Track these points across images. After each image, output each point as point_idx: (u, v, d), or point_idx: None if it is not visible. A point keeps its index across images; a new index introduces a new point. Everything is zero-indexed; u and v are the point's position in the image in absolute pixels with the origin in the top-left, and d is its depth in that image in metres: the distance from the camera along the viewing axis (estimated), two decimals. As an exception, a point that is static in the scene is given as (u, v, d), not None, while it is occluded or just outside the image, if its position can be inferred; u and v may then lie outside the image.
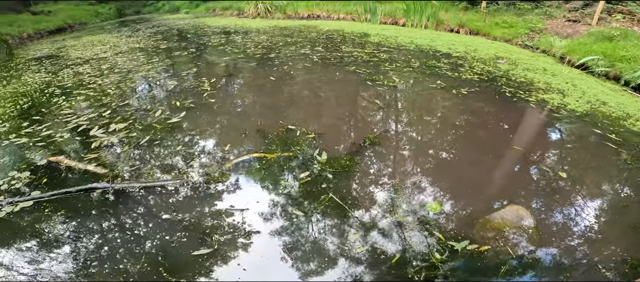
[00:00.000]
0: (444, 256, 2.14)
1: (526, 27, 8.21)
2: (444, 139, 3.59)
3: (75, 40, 9.78)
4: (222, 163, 3.14)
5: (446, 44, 7.60)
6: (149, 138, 3.62)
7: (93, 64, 6.86)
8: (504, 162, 3.24)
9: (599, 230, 2.41)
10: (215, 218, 2.49)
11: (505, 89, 4.88)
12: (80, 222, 2.51)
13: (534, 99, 4.54)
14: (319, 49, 7.27)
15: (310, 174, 2.92)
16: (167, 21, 13.27)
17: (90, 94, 5.02)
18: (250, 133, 3.67)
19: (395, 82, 5.16)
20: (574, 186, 2.85)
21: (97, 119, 4.16)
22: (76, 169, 3.16)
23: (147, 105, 4.52)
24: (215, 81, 5.38)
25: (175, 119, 4.04)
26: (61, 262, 2.18)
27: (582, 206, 2.64)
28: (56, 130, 3.93)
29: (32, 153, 3.47)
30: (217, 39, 8.83)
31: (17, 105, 4.79)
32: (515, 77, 5.40)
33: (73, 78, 5.92)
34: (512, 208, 2.50)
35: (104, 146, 3.52)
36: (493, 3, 9.73)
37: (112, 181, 2.92)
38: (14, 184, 2.97)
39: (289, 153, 3.23)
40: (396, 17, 10.64)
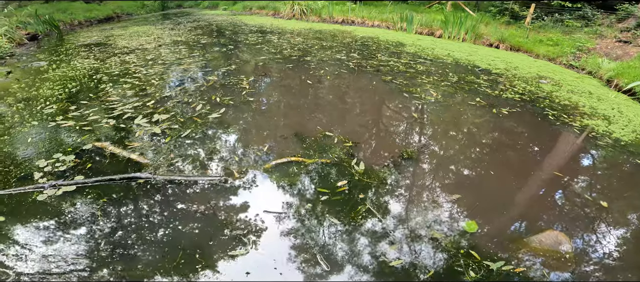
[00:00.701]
0: (479, 275, 2.10)
1: (573, 45, 7.85)
2: (482, 159, 3.49)
3: (122, 30, 10.30)
4: (261, 164, 3.20)
5: (485, 59, 7.39)
6: (189, 132, 3.74)
7: (138, 54, 7.19)
8: (544, 187, 3.13)
9: (636, 261, 2.33)
10: (252, 218, 2.54)
11: (547, 111, 4.69)
12: (121, 211, 2.58)
13: (578, 124, 4.34)
14: (355, 55, 7.27)
15: (348, 183, 2.92)
16: (206, 16, 13.70)
17: (136, 83, 5.26)
18: (288, 136, 3.72)
19: (433, 96, 5.08)
20: (614, 216, 2.75)
21: (141, 108, 4.34)
22: (120, 156, 3.27)
23: (188, 99, 4.68)
24: (253, 80, 5.50)
25: (216, 115, 4.16)
26: (99, 251, 2.24)
27: (622, 236, 2.55)
28: (102, 116, 4.11)
29: (78, 137, 3.62)
30: (254, 38, 9.03)
31: (65, 89, 5.07)
32: (559, 99, 5.18)
33: (120, 66, 6.22)
34: (551, 233, 2.47)
35: (147, 136, 3.66)
36: (539, 19, 9.36)
37: (155, 171, 3.01)
38: (58, 166, 3.06)
39: (327, 160, 3.25)
40: (433, 28, 10.47)
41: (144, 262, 2.14)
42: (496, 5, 10.84)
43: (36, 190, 2.74)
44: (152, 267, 2.11)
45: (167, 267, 2.11)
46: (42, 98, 4.68)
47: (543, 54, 7.96)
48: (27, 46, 8.58)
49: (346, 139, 3.66)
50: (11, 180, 2.87)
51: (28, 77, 5.69)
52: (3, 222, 2.43)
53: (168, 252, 2.22)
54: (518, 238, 2.44)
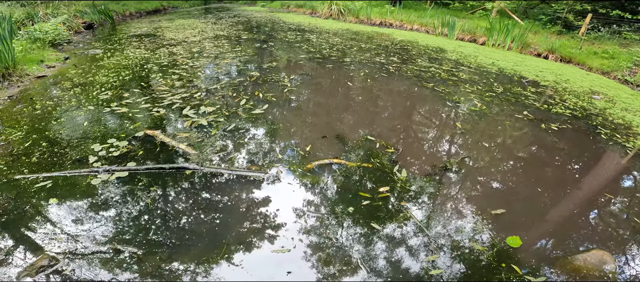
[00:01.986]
0: None
1: (630, 59, 7.31)
2: (529, 174, 3.35)
3: (169, 22, 10.81)
4: (303, 163, 3.25)
5: (533, 70, 7.05)
6: (234, 125, 3.87)
7: (185, 46, 7.52)
8: (593, 207, 2.98)
9: None
10: (294, 218, 2.59)
11: (600, 129, 4.41)
12: (170, 200, 2.69)
13: (631, 144, 4.05)
14: (394, 59, 7.19)
15: (390, 189, 2.91)
16: (246, 12, 14.06)
17: (183, 75, 5.51)
18: (330, 137, 3.75)
19: (477, 106, 4.92)
20: None
21: (189, 99, 4.54)
22: (169, 145, 3.41)
23: (232, 93, 4.84)
24: (294, 78, 5.59)
25: (259, 111, 4.28)
26: (148, 236, 2.35)
27: None
28: (153, 104, 4.34)
29: (131, 124, 3.81)
30: (292, 36, 9.16)
31: (119, 77, 5.39)
32: (612, 117, 4.85)
33: (168, 57, 6.54)
34: (596, 252, 2.40)
35: (194, 127, 3.81)
36: (595, 30, 8.79)
37: (201, 163, 3.13)
38: (112, 151, 3.21)
39: (369, 164, 3.25)
40: (476, 34, 10.12)
41: (190, 252, 2.23)
42: (547, 13, 10.30)
43: (91, 173, 2.87)
44: (198, 258, 2.19)
45: (212, 260, 2.17)
46: (97, 84, 5.01)
47: (596, 67, 7.48)
48: (83, 34, 9.21)
49: (388, 144, 3.64)
50: (67, 162, 3.02)
51: (84, 64, 6.12)
52: (57, 205, 2.56)
53: (212, 244, 2.28)
54: (562, 256, 2.38)
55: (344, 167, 3.20)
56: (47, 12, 9.21)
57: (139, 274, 2.04)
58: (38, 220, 2.41)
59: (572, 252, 2.41)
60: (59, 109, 4.12)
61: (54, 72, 5.67)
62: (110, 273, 2.04)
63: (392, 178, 3.07)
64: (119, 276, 2.02)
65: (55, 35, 7.68)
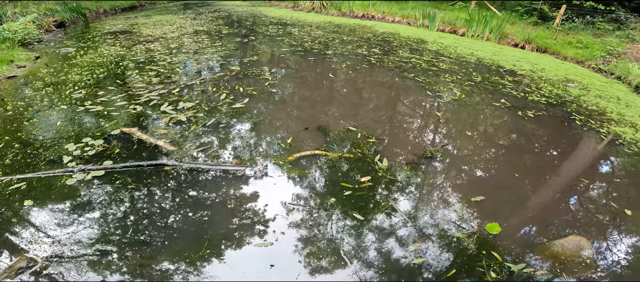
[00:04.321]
0: (500, 276, 2.10)
1: (603, 49, 7.58)
2: (506, 161, 3.43)
3: (145, 19, 10.48)
4: (285, 156, 3.23)
5: (510, 59, 7.21)
6: (214, 121, 3.80)
7: (162, 42, 7.32)
8: (569, 192, 3.08)
9: None
10: (277, 211, 2.57)
11: (575, 116, 4.55)
12: (148, 198, 2.63)
13: (605, 130, 4.21)
14: (376, 51, 7.21)
15: (371, 179, 2.93)
16: (227, 7, 13.79)
17: (161, 71, 5.37)
18: (311, 129, 3.74)
19: (456, 95, 5.00)
20: (637, 225, 2.70)
21: (167, 95, 4.43)
22: (147, 142, 3.33)
23: (212, 88, 4.75)
24: (275, 72, 5.53)
25: (239, 105, 4.21)
26: (126, 236, 2.30)
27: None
28: (129, 102, 4.22)
29: (106, 122, 3.70)
30: (274, 29, 9.05)
31: (93, 75, 5.21)
32: (586, 104, 5.02)
33: (145, 54, 6.35)
34: (573, 238, 2.46)
35: (173, 123, 3.73)
36: (569, 20, 9.05)
37: (181, 159, 3.07)
38: (87, 151, 3.11)
39: (350, 155, 3.26)
40: (456, 26, 10.25)
41: (170, 250, 2.19)
42: (524, 5, 10.53)
43: (65, 174, 2.78)
44: (179, 255, 2.15)
45: (193, 256, 2.14)
46: (70, 83, 4.82)
47: (571, 57, 7.71)
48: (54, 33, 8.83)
49: (369, 134, 3.66)
50: (41, 163, 2.93)
51: (56, 63, 5.88)
52: (32, 206, 2.48)
53: (193, 241, 2.25)
54: (540, 242, 2.44)
55: (325, 158, 3.20)
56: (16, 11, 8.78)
57: (118, 273, 1.99)
58: (14, 222, 2.33)
59: (550, 238, 2.47)
60: (31, 110, 3.96)
61: (24, 72, 5.43)
62: (90, 273, 1.99)
63: (374, 168, 3.08)
64: (99, 276, 1.97)
65: (25, 35, 7.34)
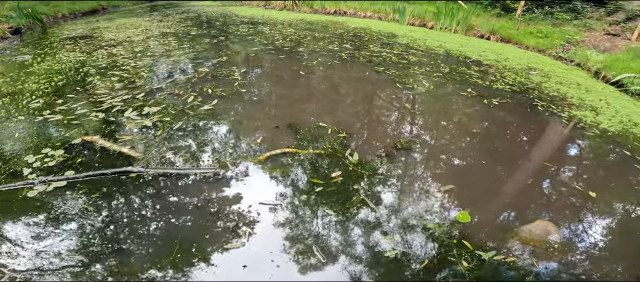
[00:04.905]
0: (472, 264, 2.14)
1: (562, 38, 7.95)
2: (474, 149, 3.53)
3: (108, 22, 10.04)
4: (255, 155, 3.18)
5: (476, 50, 7.44)
6: (181, 124, 3.69)
7: (126, 46, 7.03)
8: (534, 177, 3.19)
9: (622, 251, 2.41)
10: (247, 210, 2.53)
11: (537, 102, 4.75)
12: (114, 206, 2.54)
13: (567, 114, 4.42)
14: (347, 46, 7.24)
15: (342, 174, 2.93)
16: (196, 8, 13.44)
17: (124, 76, 5.15)
18: (282, 127, 3.70)
19: (425, 86, 5.10)
20: (600, 206, 2.82)
21: (131, 101, 4.26)
22: (110, 150, 3.21)
23: (179, 91, 4.61)
24: (245, 71, 5.43)
25: (208, 107, 4.11)
26: (93, 246, 2.21)
27: (607, 225, 2.63)
28: (90, 109, 4.03)
29: (66, 131, 3.53)
30: (245, 29, 8.90)
31: (51, 83, 4.93)
32: (548, 90, 5.25)
33: (107, 59, 6.08)
34: (540, 223, 2.52)
35: (137, 129, 3.60)
36: (529, 11, 9.43)
37: (147, 165, 2.97)
38: (47, 162, 2.97)
39: (321, 151, 3.25)
40: (425, 19, 10.47)
41: (139, 257, 2.12)
42: (487, -4, 10.88)
43: (26, 186, 2.66)
44: (148, 262, 2.08)
45: (164, 261, 2.08)
46: (27, 92, 4.55)
47: (533, 46, 8.04)
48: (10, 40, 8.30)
49: (340, 129, 3.66)
50: (0, 177, 2.79)
51: (12, 71, 5.52)
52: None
53: (163, 246, 2.19)
54: (509, 228, 2.49)
55: (296, 155, 3.17)
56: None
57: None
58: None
59: (518, 224, 2.53)
60: (-16, 122, 3.70)
61: (-26, 82, 5.05)
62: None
63: (345, 162, 3.09)
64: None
65: (-26, 42, 6.84)
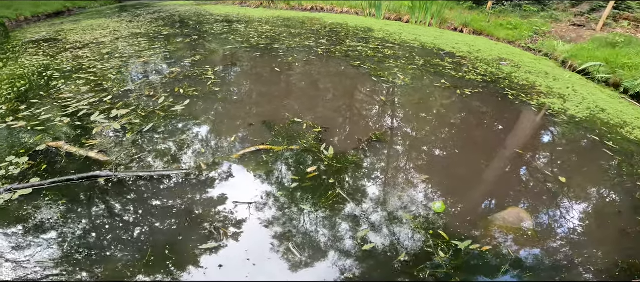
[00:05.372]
0: (448, 255, 2.16)
1: (531, 29, 8.21)
2: (447, 139, 3.59)
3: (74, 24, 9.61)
4: (229, 154, 3.11)
5: (450, 43, 7.58)
6: (152, 125, 3.57)
7: (93, 48, 6.74)
8: (506, 164, 3.25)
9: (594, 234, 2.48)
10: (222, 210, 2.47)
11: (507, 91, 4.88)
12: (83, 212, 2.45)
13: (536, 102, 4.55)
14: (323, 42, 7.22)
15: (318, 168, 2.91)
16: (168, 7, 13.08)
17: (91, 79, 4.94)
18: (256, 124, 3.64)
19: (400, 79, 5.15)
20: (572, 191, 2.90)
21: (98, 104, 4.09)
22: (77, 155, 3.08)
23: (150, 92, 4.46)
24: (219, 70, 5.32)
25: (179, 107, 3.99)
26: (62, 253, 2.13)
27: (578, 210, 2.70)
28: (55, 114, 3.85)
29: (30, 138, 3.38)
30: (219, 27, 8.72)
31: (14, 88, 4.69)
32: (518, 79, 5.41)
33: (72, 62, 5.82)
34: (513, 210, 2.56)
35: (105, 133, 3.46)
36: (499, 4, 9.70)
37: (116, 169, 2.87)
38: (11, 170, 2.86)
39: (296, 146, 3.21)
40: (401, 13, 10.58)
41: (110, 262, 2.04)
42: (459, -10, 11.10)
43: None
44: (119, 266, 2.01)
45: (136, 265, 2.02)
46: (-14, 99, 4.29)
47: (503, 38, 8.27)
48: (-34, 43, 7.80)
49: (315, 124, 3.64)
50: None
51: (-32, 77, 5.19)
52: None
53: (136, 250, 2.12)
54: (484, 217, 2.51)
55: (271, 152, 3.13)
56: None
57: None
58: None
59: (493, 211, 2.56)
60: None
61: None
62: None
63: (320, 157, 3.07)
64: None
65: None
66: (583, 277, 2.10)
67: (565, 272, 2.11)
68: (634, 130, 3.96)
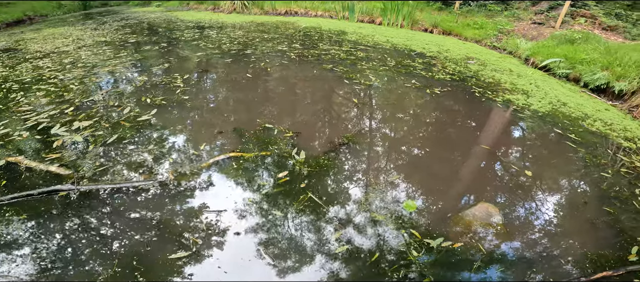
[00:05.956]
0: (421, 253, 2.18)
1: (495, 28, 8.55)
2: (418, 138, 3.67)
3: (35, 33, 9.15)
4: (198, 162, 3.04)
5: (421, 43, 7.77)
6: (117, 137, 3.44)
7: (54, 57, 6.44)
8: (474, 161, 3.34)
9: (561, 225, 2.55)
10: (192, 219, 2.41)
11: (474, 89, 5.05)
12: (45, 226, 2.35)
13: (501, 99, 4.73)
14: (296, 46, 7.22)
15: (289, 173, 2.89)
16: (137, 14, 12.69)
17: (52, 90, 4.71)
18: (227, 131, 3.58)
19: (371, 80, 5.22)
20: (537, 184, 3.00)
21: (59, 116, 3.91)
22: (37, 170, 2.94)
23: (115, 102, 4.30)
24: (189, 78, 5.20)
25: (146, 117, 3.87)
26: (24, 270, 2.03)
27: (545, 202, 2.79)
28: (14, 128, 3.65)
29: (-14, 153, 3.20)
30: (190, 34, 8.55)
31: (-32, 101, 4.41)
32: (484, 77, 5.61)
33: (32, 72, 5.53)
34: (482, 205, 2.60)
35: (67, 146, 3.31)
36: (466, 4, 10.05)
37: (78, 182, 2.75)
38: None
39: (267, 152, 3.19)
40: (373, 15, 10.75)
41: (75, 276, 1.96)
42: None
43: None
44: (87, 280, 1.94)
45: (103, 278, 1.95)
46: (-64, 115, 4.00)
47: (471, 37, 8.57)
48: None
49: (286, 129, 3.62)
50: None
51: None
52: None
53: (102, 263, 2.05)
54: (455, 213, 2.55)
55: (241, 159, 3.08)
56: None
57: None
58: None
59: (463, 208, 2.60)
60: None
61: None
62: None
63: (291, 162, 3.05)
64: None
65: None
66: (553, 271, 2.14)
67: (535, 266, 2.16)
68: (594, 122, 4.18)
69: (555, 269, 2.16)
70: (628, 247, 2.35)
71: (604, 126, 4.08)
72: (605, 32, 7.70)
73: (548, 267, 2.17)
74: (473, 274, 2.08)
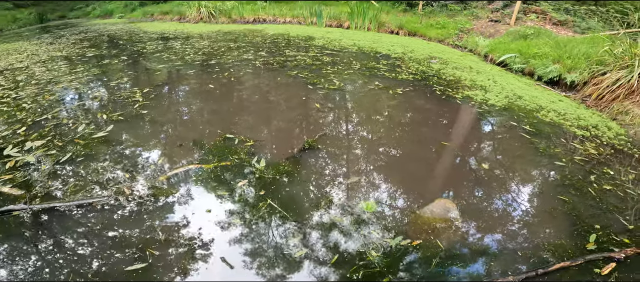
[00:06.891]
0: (380, 253, 2.21)
1: (456, 27, 8.89)
2: (378, 139, 3.75)
3: (-16, 50, 8.65)
4: (155, 177, 2.98)
5: (386, 45, 7.96)
6: (70, 155, 3.31)
7: (7, 75, 6.11)
8: (433, 157, 3.42)
9: (518, 217, 2.61)
10: (149, 233, 2.36)
11: (436, 87, 5.22)
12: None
13: (461, 95, 4.90)
14: (262, 53, 7.21)
15: (248, 182, 2.88)
16: (97, 27, 12.26)
17: (3, 110, 4.48)
18: (186, 144, 3.52)
19: (335, 85, 5.29)
20: (493, 176, 3.08)
21: (11, 136, 3.73)
22: None
23: (69, 120, 4.13)
24: (149, 91, 5.08)
25: (101, 134, 3.75)
26: None
27: (502, 195, 2.86)
28: (-42, 153, 3.44)
29: None
30: (153, 46, 8.35)
31: None
32: (445, 75, 5.81)
33: (-21, 93, 5.22)
34: (439, 202, 2.64)
35: (19, 166, 3.16)
36: (428, 5, 10.39)
37: (30, 201, 2.66)
38: None
39: (227, 162, 3.16)
40: (341, 20, 10.91)
41: None
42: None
43: None
44: None
45: None
46: None
47: (434, 37, 8.86)
48: None
49: (247, 138, 3.61)
50: None
51: None
52: None
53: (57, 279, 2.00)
54: (412, 211, 2.57)
55: (201, 170, 3.04)
56: None
57: None
58: None
59: (421, 205, 2.62)
60: None
61: None
62: None
63: (251, 170, 3.04)
64: None
65: None
66: (511, 263, 2.17)
67: (493, 260, 2.20)
68: (548, 113, 4.39)
69: (513, 262, 2.17)
70: (585, 236, 2.39)
71: (557, 116, 4.27)
72: (556, 27, 8.18)
73: (506, 260, 2.19)
74: (432, 270, 2.11)
